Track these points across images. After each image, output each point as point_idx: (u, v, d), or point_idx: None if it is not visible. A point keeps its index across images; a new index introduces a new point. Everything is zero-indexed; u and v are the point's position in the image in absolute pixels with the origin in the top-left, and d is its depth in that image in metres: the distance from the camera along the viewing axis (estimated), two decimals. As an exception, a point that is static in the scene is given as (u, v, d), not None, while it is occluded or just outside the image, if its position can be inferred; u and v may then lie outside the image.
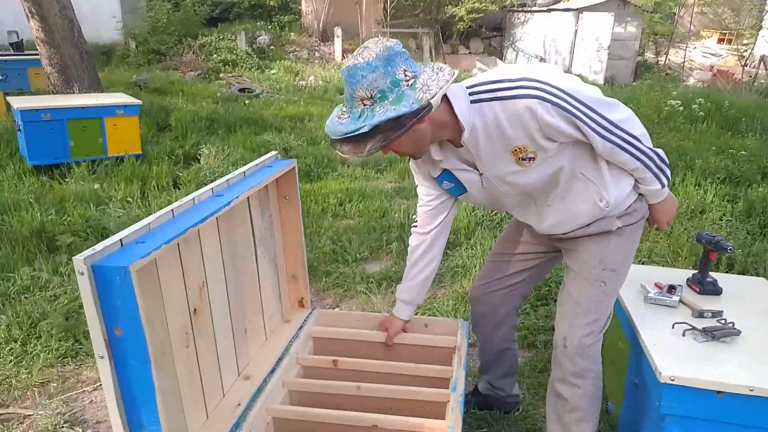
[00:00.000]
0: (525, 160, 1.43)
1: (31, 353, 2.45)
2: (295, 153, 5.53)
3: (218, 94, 8.56)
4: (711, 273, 2.00)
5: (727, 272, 3.12)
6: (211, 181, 4.28)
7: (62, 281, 2.94)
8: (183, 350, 1.38)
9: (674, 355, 1.53)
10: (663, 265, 3.45)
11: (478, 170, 1.51)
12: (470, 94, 1.39)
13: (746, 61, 12.08)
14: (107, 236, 3.40)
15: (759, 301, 1.90)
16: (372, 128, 1.26)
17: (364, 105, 1.28)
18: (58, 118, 4.64)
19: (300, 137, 6.24)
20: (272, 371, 1.70)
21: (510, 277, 1.85)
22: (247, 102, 8.23)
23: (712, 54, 14.63)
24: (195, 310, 1.43)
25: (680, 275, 2.09)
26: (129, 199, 3.94)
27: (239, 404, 1.54)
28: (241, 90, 9.00)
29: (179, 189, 4.26)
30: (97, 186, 4.18)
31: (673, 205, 1.65)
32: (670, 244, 3.64)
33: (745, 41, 12.72)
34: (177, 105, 7.23)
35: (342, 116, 1.32)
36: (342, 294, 3.10)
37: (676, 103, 7.18)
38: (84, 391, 2.28)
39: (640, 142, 1.43)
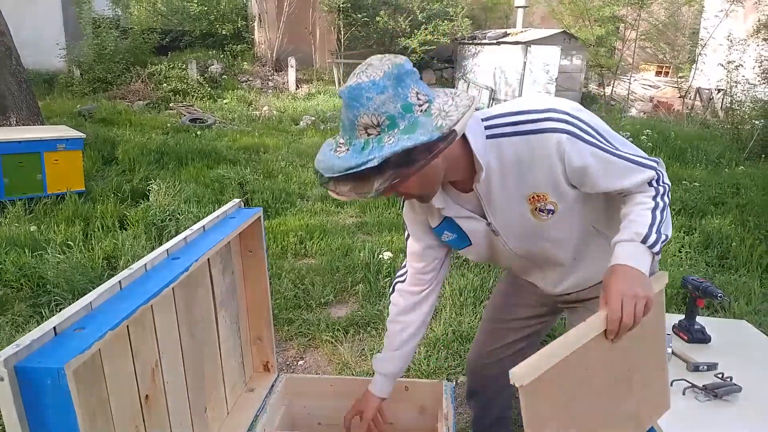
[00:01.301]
0: (543, 212, 1.23)
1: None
2: (251, 187, 5.31)
3: (168, 125, 8.25)
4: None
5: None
6: (161, 221, 4.08)
7: (-10, 341, 2.61)
8: (132, 447, 1.16)
9: (680, 420, 1.43)
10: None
11: (485, 219, 1.29)
12: (486, 127, 1.18)
13: (684, 93, 12.70)
14: (44, 286, 3.12)
15: (748, 348, 1.84)
16: (382, 162, 1.00)
17: (369, 135, 1.04)
18: (-9, 153, 4.28)
19: (256, 170, 6.03)
20: (237, 454, 1.50)
21: (509, 346, 1.67)
22: (198, 133, 7.95)
23: (651, 86, 15.36)
24: (146, 396, 1.22)
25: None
26: (70, 242, 3.61)
27: (199, 501, 1.33)
28: (193, 120, 8.71)
29: (126, 230, 3.96)
30: (33, 228, 3.84)
31: (634, 277, 1.12)
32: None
33: (681, 74, 13.41)
34: (124, 136, 6.90)
35: (339, 149, 1.07)
36: (306, 344, 2.89)
37: (626, 135, 7.38)
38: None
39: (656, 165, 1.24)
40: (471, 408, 1.89)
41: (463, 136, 1.15)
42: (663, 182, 1.22)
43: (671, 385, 1.58)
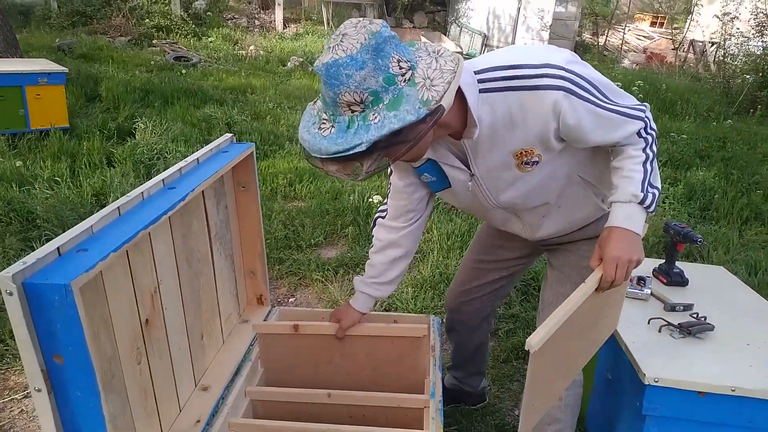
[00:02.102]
0: (528, 165, 1.23)
1: (-54, 357, 2.17)
2: (239, 128, 5.24)
3: (152, 62, 8.00)
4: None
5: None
6: (149, 159, 4.04)
7: (-19, 273, 2.62)
8: (134, 367, 1.21)
9: (655, 355, 1.50)
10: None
11: (470, 170, 1.29)
12: (479, 81, 1.15)
13: (678, 45, 12.58)
14: (33, 221, 3.11)
15: (724, 292, 1.92)
16: (370, 145, 0.99)
17: (353, 112, 1.01)
18: (-31, 86, 4.15)
19: (243, 111, 5.93)
20: (232, 380, 1.55)
21: (489, 284, 1.73)
22: (183, 71, 7.74)
23: (646, 37, 15.15)
24: (146, 320, 1.25)
25: (644, 266, 2.07)
26: (57, 178, 3.57)
27: (198, 420, 1.39)
28: (177, 58, 8.46)
29: (114, 167, 3.92)
30: (19, 163, 3.77)
31: (629, 239, 1.20)
32: (620, 227, 3.71)
33: (676, 25, 13.24)
34: (107, 73, 6.68)
35: (323, 125, 1.04)
36: (297, 282, 2.95)
37: (618, 85, 7.34)
38: (12, 399, 2.04)
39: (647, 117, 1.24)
40: (451, 340, 1.97)
41: (458, 91, 1.12)
42: (650, 129, 1.24)
43: (648, 323, 1.67)
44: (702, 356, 1.51)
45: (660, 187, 1.24)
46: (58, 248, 0.95)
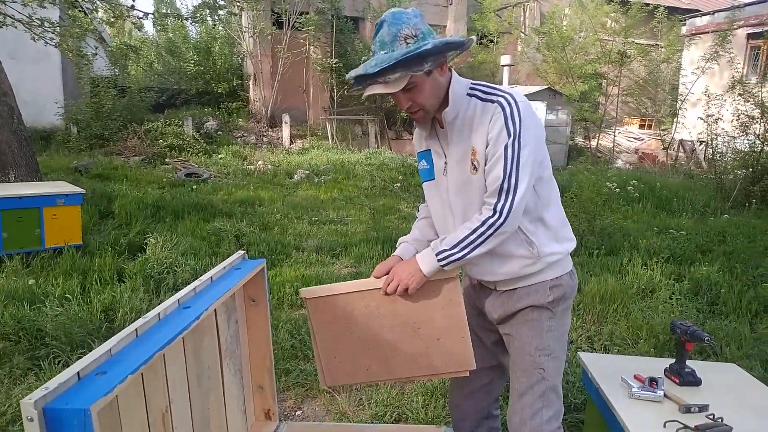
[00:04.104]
0: (472, 165, 1.56)
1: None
2: (247, 240, 5.37)
3: (164, 179, 8.37)
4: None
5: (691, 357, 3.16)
6: (159, 273, 4.12)
7: (-12, 395, 2.60)
8: (142, 492, 1.19)
9: (673, 461, 1.47)
10: (625, 348, 3.47)
11: (445, 156, 1.62)
12: (470, 87, 1.57)
13: (668, 144, 13.11)
14: (42, 338, 3.13)
15: (738, 390, 1.89)
16: (423, 51, 1.39)
17: (407, 43, 1.42)
18: (-9, 208, 4.35)
19: (252, 223, 6.11)
20: (240, 503, 1.51)
21: (479, 378, 1.81)
22: (194, 187, 8.07)
23: (635, 138, 15.84)
24: (157, 441, 1.25)
25: (656, 366, 2.06)
26: (68, 295, 3.63)
27: None
28: (188, 175, 8.85)
29: (124, 282, 3.99)
30: (32, 282, 3.86)
31: (413, 271, 1.58)
32: (629, 326, 3.68)
33: (664, 127, 13.88)
34: (121, 191, 6.98)
35: (383, 54, 1.44)
36: (304, 394, 2.89)
37: (613, 185, 7.58)
38: None
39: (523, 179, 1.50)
40: None
41: (451, 80, 1.54)
42: (503, 214, 1.48)
43: (664, 426, 1.64)
44: (722, 462, 1.47)
45: (468, 257, 1.52)
46: (78, 372, 0.99)
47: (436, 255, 1.54)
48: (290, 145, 13.02)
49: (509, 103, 1.49)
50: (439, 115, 1.59)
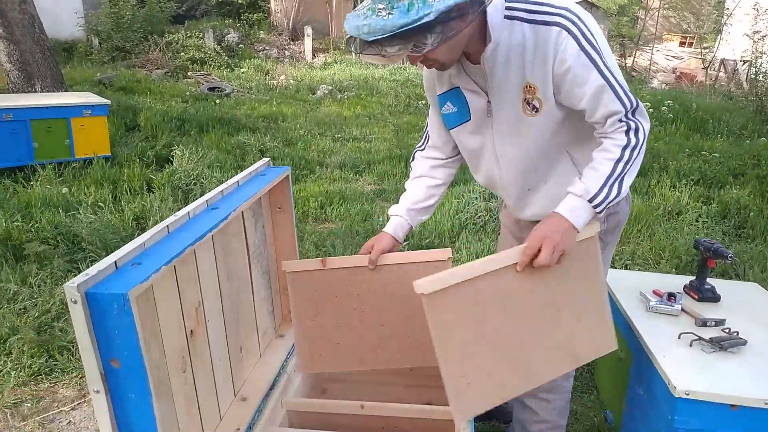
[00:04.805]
0: (529, 106, 1.32)
1: (1, 371, 2.29)
2: (271, 154, 5.40)
3: (187, 93, 8.33)
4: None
5: (713, 276, 3.17)
6: (186, 185, 4.20)
7: (32, 293, 2.76)
8: (180, 375, 1.28)
9: (686, 368, 1.51)
10: (647, 268, 3.49)
11: (487, 95, 1.37)
12: (507, 8, 1.27)
13: (709, 63, 12.45)
14: (79, 243, 3.27)
15: (757, 307, 1.90)
16: (425, 25, 1.09)
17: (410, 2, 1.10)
18: (20, 118, 4.41)
19: (275, 138, 6.11)
20: (269, 392, 1.61)
21: None
22: (217, 101, 8.03)
23: (675, 57, 15.05)
24: (191, 331, 1.33)
25: (676, 282, 2.08)
26: (100, 204, 3.75)
27: (238, 429, 1.45)
28: (211, 89, 8.78)
29: (153, 192, 4.09)
30: (65, 190, 3.98)
31: (563, 229, 1.26)
32: (652, 247, 3.68)
33: (706, 45, 13.12)
34: (145, 104, 6.99)
35: (380, 13, 1.12)
36: (328, 302, 3.01)
37: (647, 105, 7.31)
38: (61, 410, 2.14)
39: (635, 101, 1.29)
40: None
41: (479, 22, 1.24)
42: (638, 134, 1.27)
43: (679, 337, 1.67)
44: (734, 370, 1.51)
45: (624, 192, 1.30)
46: (115, 262, 1.04)
47: (589, 201, 1.26)
48: (312, 59, 12.72)
49: (573, 23, 1.23)
50: (472, 51, 1.32)
